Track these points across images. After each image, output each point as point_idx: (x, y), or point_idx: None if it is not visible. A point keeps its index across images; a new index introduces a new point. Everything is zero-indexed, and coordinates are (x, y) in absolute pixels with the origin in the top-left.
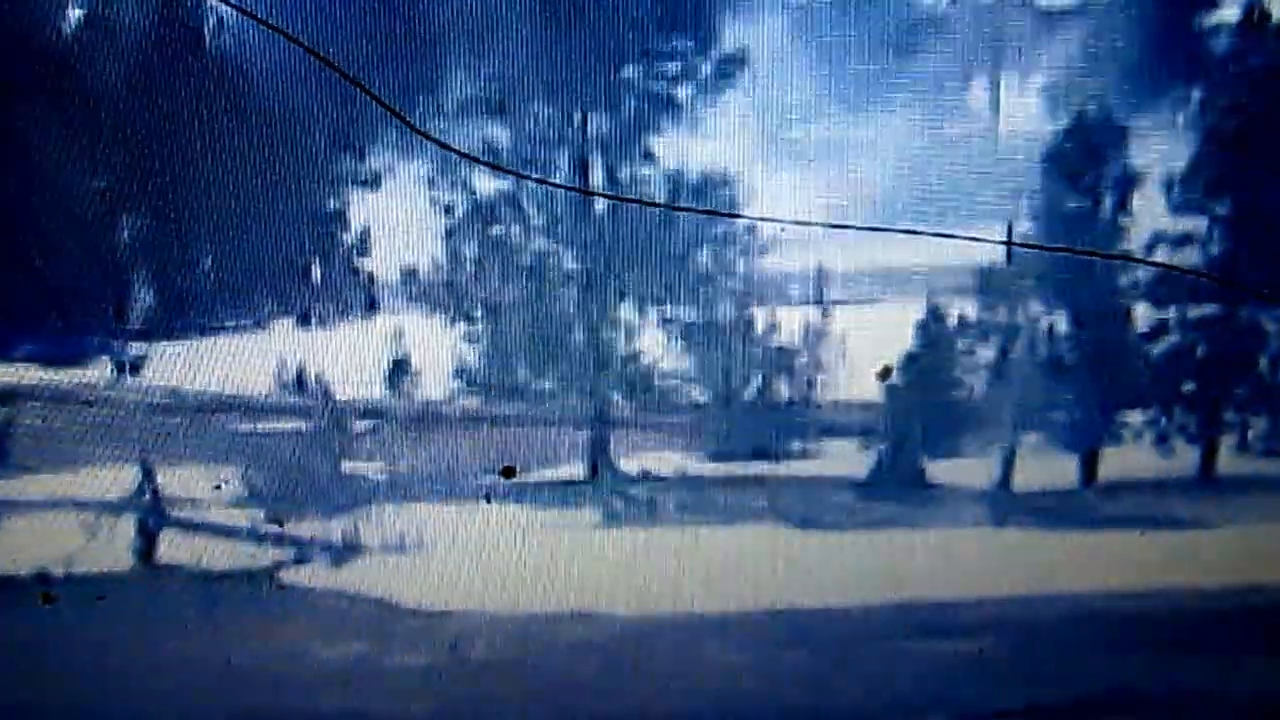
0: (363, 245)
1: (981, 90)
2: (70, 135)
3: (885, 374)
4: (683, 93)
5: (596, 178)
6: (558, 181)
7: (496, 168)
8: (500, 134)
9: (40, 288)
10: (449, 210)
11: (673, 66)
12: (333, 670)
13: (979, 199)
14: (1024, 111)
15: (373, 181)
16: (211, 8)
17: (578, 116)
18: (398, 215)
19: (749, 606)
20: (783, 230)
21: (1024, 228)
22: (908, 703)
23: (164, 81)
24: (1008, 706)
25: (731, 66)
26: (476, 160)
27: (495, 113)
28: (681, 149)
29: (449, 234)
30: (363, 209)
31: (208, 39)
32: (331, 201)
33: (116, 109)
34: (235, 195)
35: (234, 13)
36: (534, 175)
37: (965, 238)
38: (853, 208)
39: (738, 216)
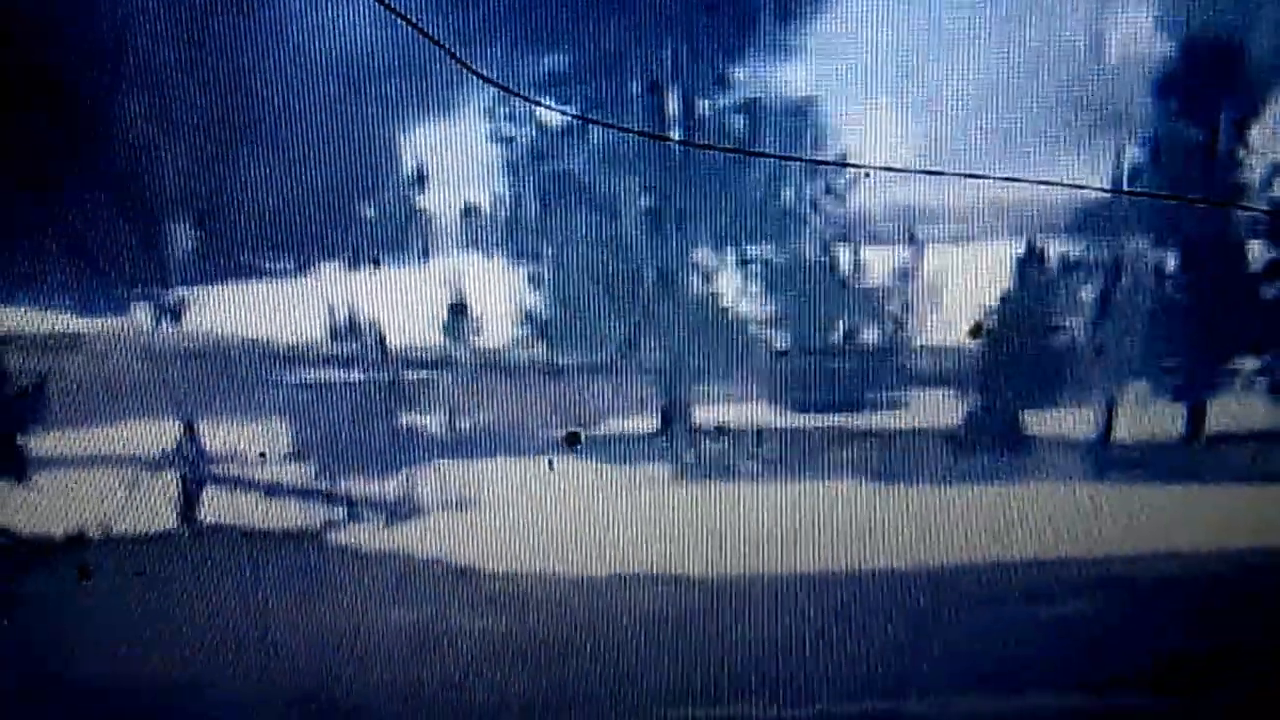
0: (418, 181)
1: (1087, 9)
2: (103, 67)
3: (976, 331)
4: (765, 14)
5: (672, 107)
6: (626, 123)
7: (558, 110)
8: (563, 61)
9: (74, 232)
10: (510, 143)
11: None
12: (387, 637)
13: (1083, 127)
14: (1133, 32)
15: (428, 113)
16: None
17: (651, 41)
18: (455, 149)
19: (834, 567)
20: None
21: (1132, 157)
22: (1007, 669)
23: (201, 10)
24: (1115, 672)
25: None
26: (537, 103)
27: (557, 41)
28: (763, 76)
29: (510, 168)
30: (417, 142)
31: None
32: (383, 135)
33: (150, 37)
34: (280, 130)
35: None
36: (597, 117)
37: (1065, 184)
38: (948, 139)
39: (820, 163)
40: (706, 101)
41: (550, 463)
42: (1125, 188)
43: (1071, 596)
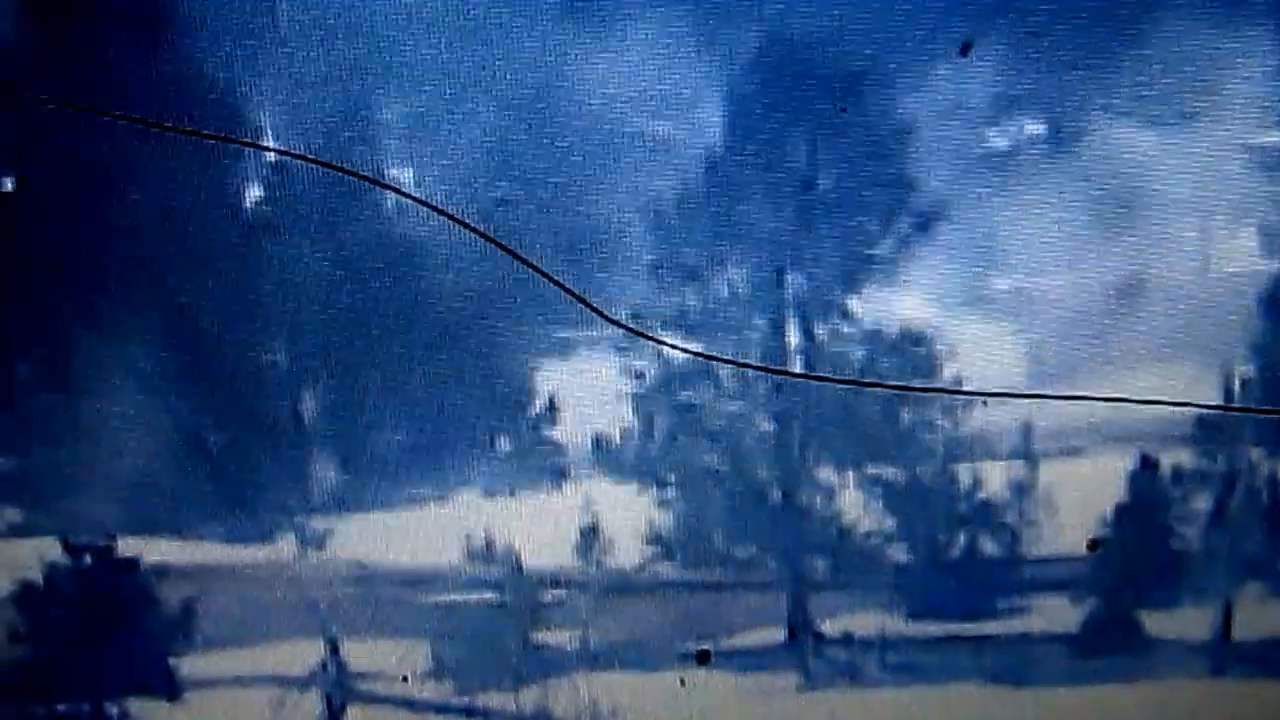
0: (551, 413)
1: (1192, 231)
2: (251, 310)
3: (1094, 545)
4: (881, 247)
5: (793, 337)
6: (749, 352)
7: (682, 349)
8: (692, 299)
9: (223, 467)
10: (639, 376)
11: (869, 221)
12: None
13: (1192, 343)
14: (1238, 251)
15: (560, 351)
16: (391, 194)
17: (772, 276)
18: (587, 383)
19: None
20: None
21: (1243, 371)
22: None
23: (347, 261)
24: None
25: (930, 220)
26: (661, 342)
27: (688, 278)
28: (879, 305)
29: (639, 400)
30: (551, 378)
31: (389, 222)
32: (518, 370)
33: (297, 287)
34: (420, 368)
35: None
36: (723, 355)
37: (1169, 402)
38: (1060, 358)
39: (933, 390)
40: (826, 331)
41: (681, 679)
42: (1236, 401)
43: None
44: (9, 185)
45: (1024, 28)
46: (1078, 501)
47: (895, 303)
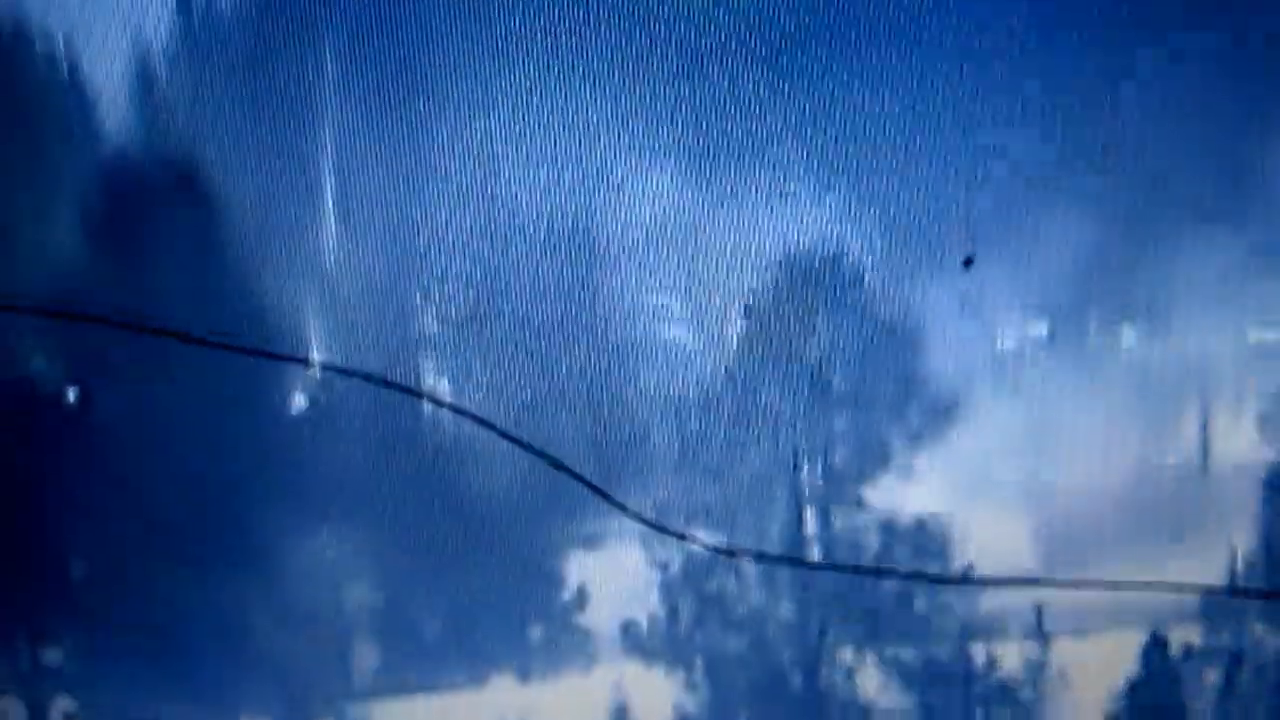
0: (581, 601)
1: (1193, 421)
2: (296, 506)
3: None
4: (895, 440)
5: (810, 526)
6: (768, 539)
7: (703, 545)
8: (713, 491)
9: (269, 652)
10: (664, 566)
11: (883, 415)
12: None
13: (1194, 529)
14: (1238, 441)
15: (589, 542)
16: (425, 401)
17: (790, 467)
18: (615, 572)
19: None
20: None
21: (1246, 550)
22: None
23: (387, 461)
24: None
25: (942, 414)
26: (682, 537)
27: (706, 471)
28: (894, 496)
29: (665, 588)
30: (580, 568)
31: (428, 425)
32: (550, 562)
33: (340, 484)
34: (456, 560)
35: (447, 396)
36: (744, 545)
37: (1169, 585)
38: (1065, 542)
39: (946, 580)
40: (842, 519)
41: None
42: (1240, 583)
43: None
44: (72, 397)
45: (1027, 239)
46: (1091, 679)
47: (909, 494)
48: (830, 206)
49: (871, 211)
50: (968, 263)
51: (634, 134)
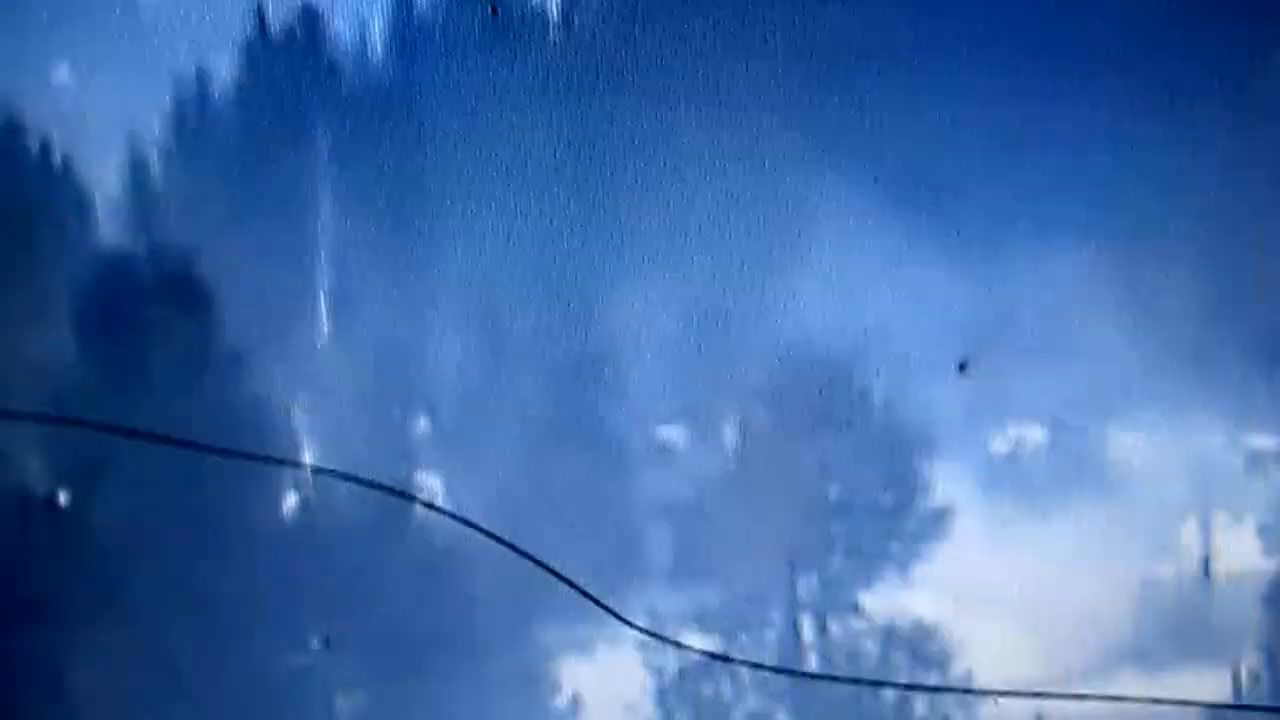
0: (575, 709)
1: (1193, 531)
2: (287, 613)
3: None
4: (895, 549)
5: (807, 633)
6: (765, 646)
7: (698, 651)
8: (710, 597)
9: None
10: (659, 671)
11: (880, 522)
12: None
13: (1197, 640)
14: (1238, 550)
15: (582, 648)
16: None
17: (787, 574)
18: (609, 677)
19: None
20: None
21: (1250, 667)
22: None
23: (379, 566)
24: None
25: (938, 520)
26: (677, 644)
27: (702, 576)
28: (892, 605)
29: (660, 694)
30: (575, 672)
31: (420, 529)
32: (545, 666)
33: (330, 591)
34: (450, 667)
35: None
36: (739, 653)
37: (1172, 701)
38: (1065, 653)
39: (944, 690)
40: (840, 627)
41: None
42: (1243, 696)
43: None
44: (63, 500)
45: (1018, 344)
46: None
47: (908, 603)
48: (828, 315)
49: (870, 319)
50: (962, 367)
51: (631, 245)
